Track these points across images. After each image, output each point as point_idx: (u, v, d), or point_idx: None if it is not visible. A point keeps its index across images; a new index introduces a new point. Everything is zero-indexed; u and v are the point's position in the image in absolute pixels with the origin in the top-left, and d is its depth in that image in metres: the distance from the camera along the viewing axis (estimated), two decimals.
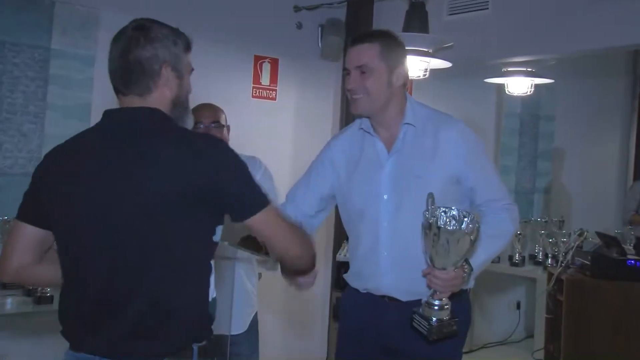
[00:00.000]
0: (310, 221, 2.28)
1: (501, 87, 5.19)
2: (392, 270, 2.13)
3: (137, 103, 1.60)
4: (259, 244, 2.42)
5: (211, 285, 1.64)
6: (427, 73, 3.72)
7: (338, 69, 4.54)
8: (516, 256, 5.02)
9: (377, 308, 2.18)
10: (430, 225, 1.86)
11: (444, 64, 3.77)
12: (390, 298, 2.16)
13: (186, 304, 1.56)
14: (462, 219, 1.85)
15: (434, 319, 1.94)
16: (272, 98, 4.38)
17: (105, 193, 1.53)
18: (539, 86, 5.09)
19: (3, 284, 3.08)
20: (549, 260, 4.91)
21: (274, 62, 4.37)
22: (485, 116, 5.55)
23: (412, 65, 3.56)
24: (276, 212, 1.64)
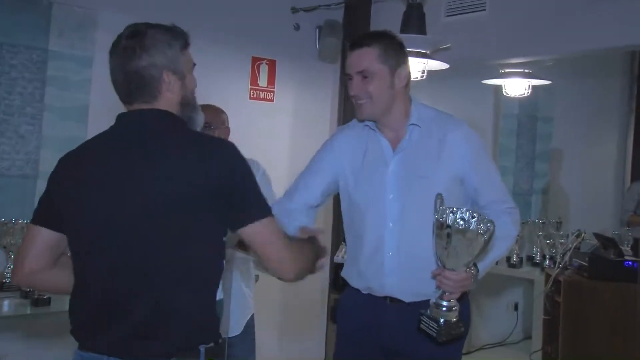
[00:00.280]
0: (307, 213, 2.26)
1: (499, 89, 5.19)
2: (397, 270, 2.13)
3: (147, 108, 1.61)
4: None
5: (219, 286, 1.64)
6: (425, 74, 3.72)
7: (336, 71, 4.54)
8: (514, 257, 5.02)
9: (377, 309, 2.17)
10: (442, 225, 1.85)
11: (442, 65, 3.77)
12: (391, 299, 2.16)
13: (194, 305, 1.56)
14: (471, 220, 1.83)
15: (443, 320, 1.93)
16: (270, 99, 4.37)
17: (113, 195, 1.54)
18: (537, 87, 5.09)
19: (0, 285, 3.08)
20: (547, 261, 4.91)
21: (272, 64, 4.37)
22: (482, 117, 5.55)
23: (410, 66, 3.56)
24: (275, 226, 1.63)
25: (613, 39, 3.36)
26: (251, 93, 4.29)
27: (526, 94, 4.96)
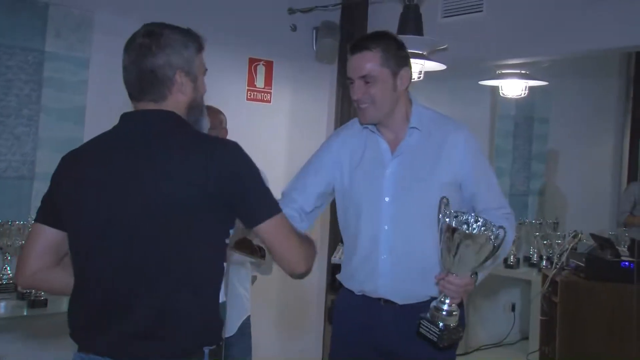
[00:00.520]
0: (306, 217, 2.25)
1: (495, 90, 5.21)
2: (391, 273, 2.12)
3: (153, 107, 1.61)
4: (254, 247, 2.42)
5: (221, 288, 1.64)
6: (422, 75, 3.72)
7: (333, 72, 4.55)
8: (511, 258, 5.03)
9: (372, 310, 2.17)
10: (449, 228, 1.81)
11: (439, 66, 3.77)
12: (385, 300, 2.15)
13: (196, 306, 1.55)
14: (474, 224, 1.81)
15: (443, 325, 1.91)
16: (267, 100, 4.37)
17: (114, 195, 1.54)
18: (533, 88, 5.11)
19: None
20: (544, 262, 4.92)
21: (269, 65, 4.37)
22: (479, 118, 5.56)
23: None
24: (285, 222, 1.64)
25: (611, 40, 3.36)
26: (248, 94, 4.29)
27: (523, 95, 4.97)
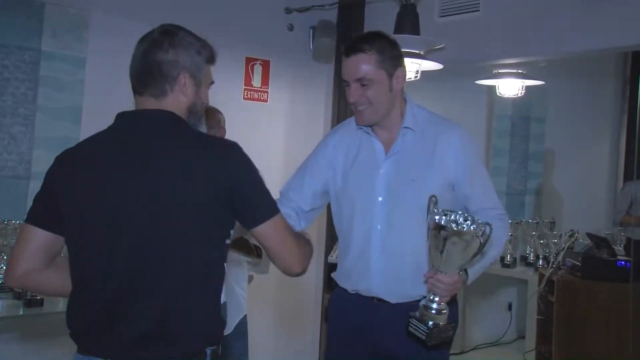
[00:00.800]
0: (304, 216, 2.26)
1: (492, 89, 5.21)
2: (383, 272, 2.13)
3: (152, 104, 1.60)
4: (250, 247, 2.42)
5: (222, 289, 1.64)
6: (419, 75, 3.72)
7: (329, 71, 4.54)
8: (507, 257, 5.03)
9: (366, 309, 2.17)
10: (436, 226, 1.82)
11: (435, 66, 3.77)
12: (378, 299, 2.16)
13: (198, 307, 1.55)
14: (464, 223, 1.81)
15: (432, 324, 1.91)
16: (264, 100, 4.37)
17: (117, 195, 1.53)
18: (530, 88, 5.11)
19: None
20: (540, 261, 4.92)
21: (266, 64, 4.36)
22: (476, 118, 5.57)
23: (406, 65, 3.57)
24: (283, 222, 1.64)
25: (607, 40, 3.36)
26: (245, 93, 4.28)
27: (520, 95, 4.98)
